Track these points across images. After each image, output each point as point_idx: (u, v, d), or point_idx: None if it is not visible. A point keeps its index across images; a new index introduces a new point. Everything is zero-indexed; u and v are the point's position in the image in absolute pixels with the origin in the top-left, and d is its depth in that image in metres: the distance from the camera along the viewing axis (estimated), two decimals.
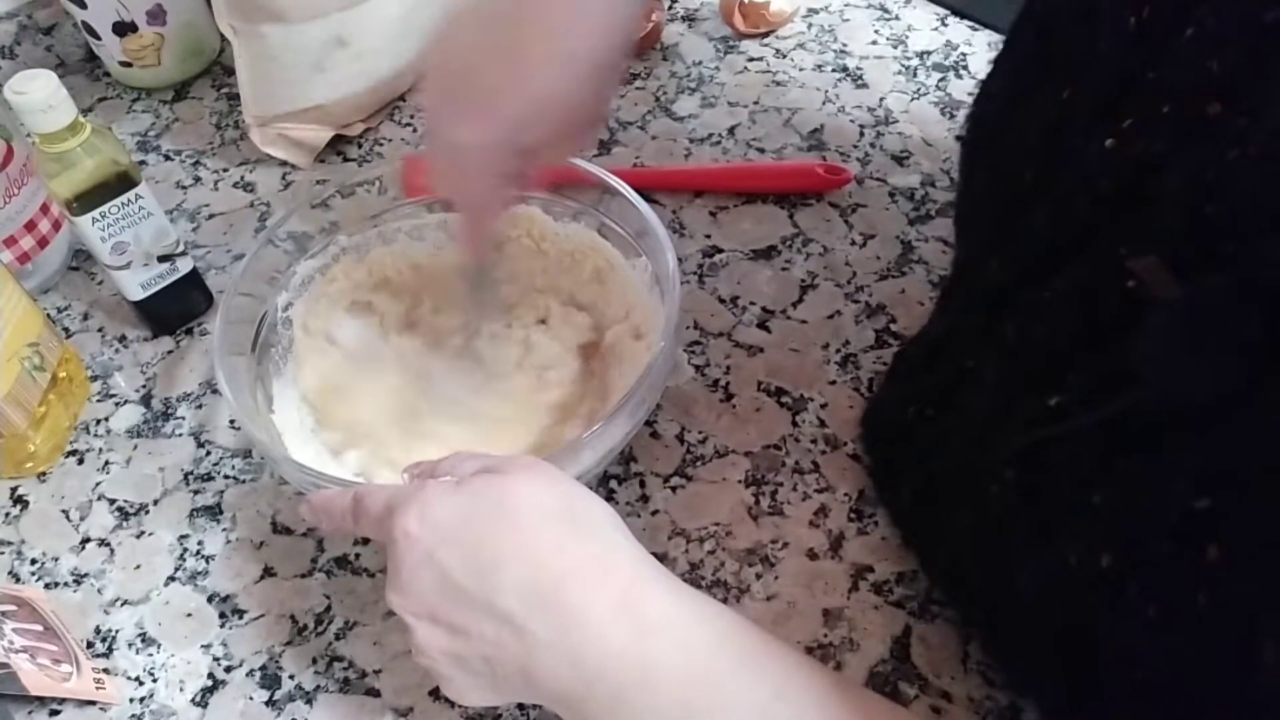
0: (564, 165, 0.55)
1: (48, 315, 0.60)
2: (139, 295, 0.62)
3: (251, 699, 0.48)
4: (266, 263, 0.57)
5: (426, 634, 0.38)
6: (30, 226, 0.65)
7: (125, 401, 0.62)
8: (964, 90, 0.77)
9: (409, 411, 0.56)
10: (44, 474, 0.58)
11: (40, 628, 0.49)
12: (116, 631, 0.51)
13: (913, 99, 0.76)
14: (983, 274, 0.42)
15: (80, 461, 0.59)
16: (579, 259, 0.60)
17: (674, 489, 0.54)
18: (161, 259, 0.61)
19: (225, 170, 0.77)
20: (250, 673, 0.49)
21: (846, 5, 0.86)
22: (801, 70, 0.80)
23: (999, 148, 0.43)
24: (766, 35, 0.84)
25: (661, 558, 0.48)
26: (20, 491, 0.57)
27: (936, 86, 0.77)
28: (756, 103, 0.78)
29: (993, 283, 0.42)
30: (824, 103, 0.77)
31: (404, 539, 0.38)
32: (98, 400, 0.62)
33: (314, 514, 0.45)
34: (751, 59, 0.82)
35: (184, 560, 0.54)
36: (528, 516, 0.38)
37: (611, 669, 0.36)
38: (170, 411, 0.61)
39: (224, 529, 0.55)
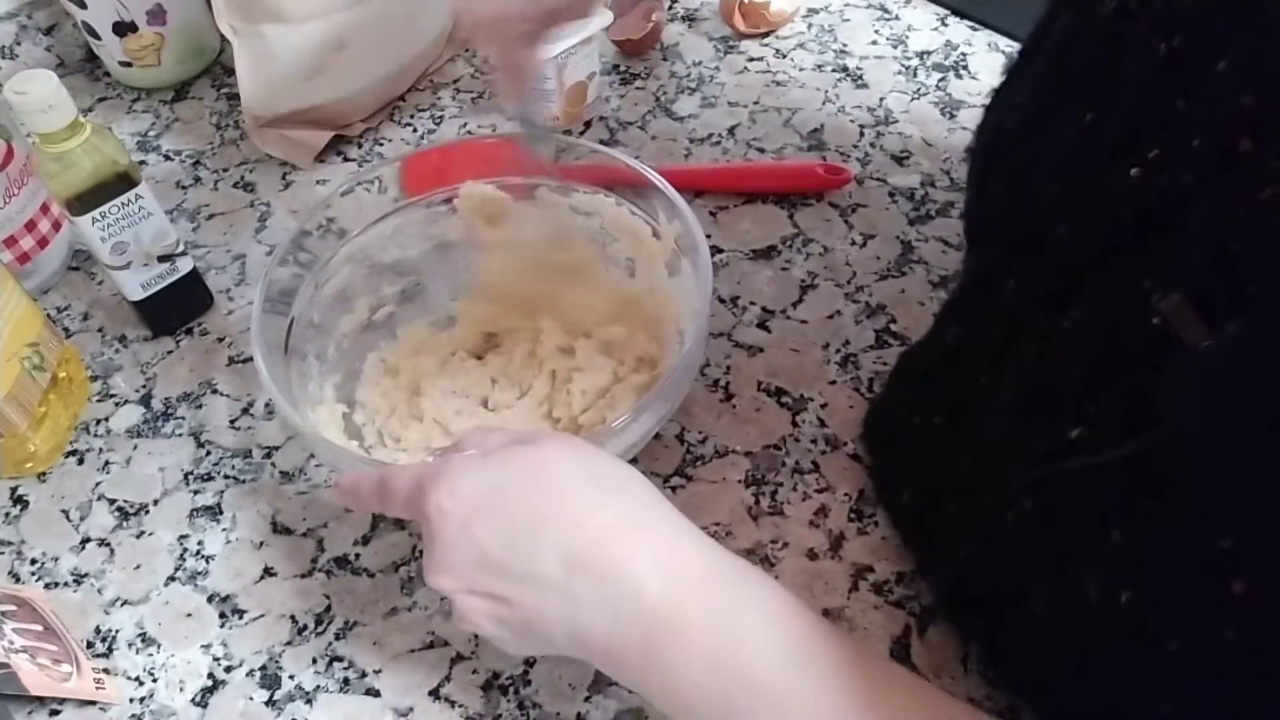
0: (606, 162, 0.57)
1: (48, 315, 0.60)
2: (139, 295, 0.62)
3: (251, 699, 0.48)
4: (304, 248, 0.57)
5: (467, 604, 0.39)
6: (30, 226, 0.65)
7: (125, 401, 0.62)
8: (964, 90, 0.77)
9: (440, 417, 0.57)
10: (44, 474, 0.58)
11: (40, 628, 0.49)
12: (116, 631, 0.51)
13: (913, 99, 0.76)
14: (999, 293, 0.42)
15: (80, 461, 0.59)
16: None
17: (674, 489, 0.54)
18: (161, 259, 0.61)
19: (225, 170, 0.77)
20: (250, 673, 0.49)
21: (846, 5, 0.86)
22: (801, 70, 0.80)
23: (1016, 163, 0.42)
24: (766, 35, 0.84)
25: None
26: (20, 491, 0.57)
27: (936, 86, 0.77)
28: (756, 103, 0.78)
29: (1010, 303, 0.41)
30: (824, 103, 0.77)
31: (437, 515, 0.38)
32: (98, 400, 0.62)
33: (343, 495, 0.45)
34: (751, 59, 0.82)
35: (184, 560, 0.54)
36: (560, 480, 0.39)
37: (646, 620, 0.36)
38: (170, 411, 0.61)
39: (224, 529, 0.55)
